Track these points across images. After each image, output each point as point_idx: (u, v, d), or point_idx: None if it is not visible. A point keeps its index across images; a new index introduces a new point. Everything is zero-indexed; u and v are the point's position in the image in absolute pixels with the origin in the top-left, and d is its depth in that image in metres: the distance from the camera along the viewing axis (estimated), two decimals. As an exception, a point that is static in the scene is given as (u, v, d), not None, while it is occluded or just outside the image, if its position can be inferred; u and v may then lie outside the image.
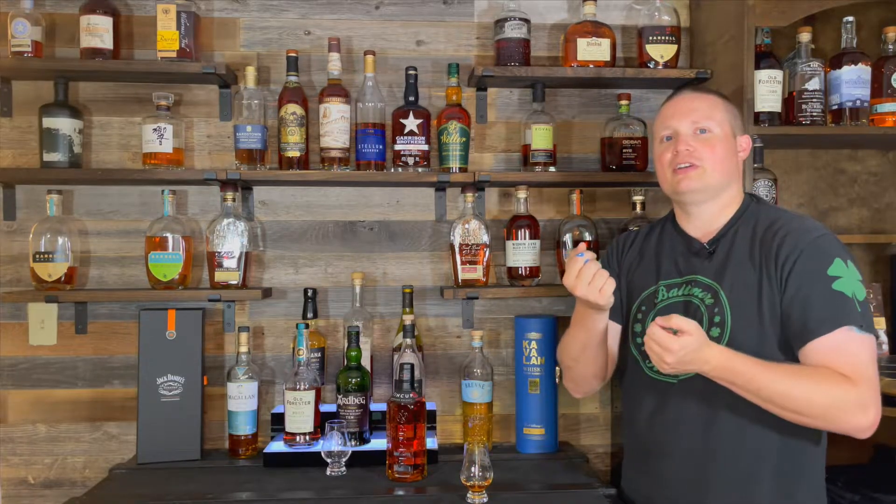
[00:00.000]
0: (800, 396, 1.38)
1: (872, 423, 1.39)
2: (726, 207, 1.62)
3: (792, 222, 1.55)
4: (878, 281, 2.37)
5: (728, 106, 1.65)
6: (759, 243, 1.54)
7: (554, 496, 1.84)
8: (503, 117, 2.36)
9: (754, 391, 1.41)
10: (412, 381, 1.91)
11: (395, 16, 2.34)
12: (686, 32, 2.37)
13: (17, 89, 2.23)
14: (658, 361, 1.43)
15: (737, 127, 1.64)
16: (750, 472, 1.50)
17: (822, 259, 1.46)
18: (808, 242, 1.48)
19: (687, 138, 1.59)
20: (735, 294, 1.52)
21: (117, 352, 2.25)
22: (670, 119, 1.63)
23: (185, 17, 2.11)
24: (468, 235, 2.17)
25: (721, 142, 1.59)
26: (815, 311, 1.43)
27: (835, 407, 1.38)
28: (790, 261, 1.47)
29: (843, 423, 1.39)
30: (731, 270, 1.55)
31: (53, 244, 2.11)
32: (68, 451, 2.24)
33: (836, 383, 1.38)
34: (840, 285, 1.44)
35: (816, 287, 1.45)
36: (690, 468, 1.55)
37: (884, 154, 2.45)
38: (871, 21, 2.35)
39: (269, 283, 2.30)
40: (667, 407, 1.58)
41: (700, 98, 1.64)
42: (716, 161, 1.57)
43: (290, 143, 2.13)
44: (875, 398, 1.39)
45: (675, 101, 1.66)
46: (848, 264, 1.46)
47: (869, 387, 1.39)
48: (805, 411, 1.39)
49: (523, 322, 2.17)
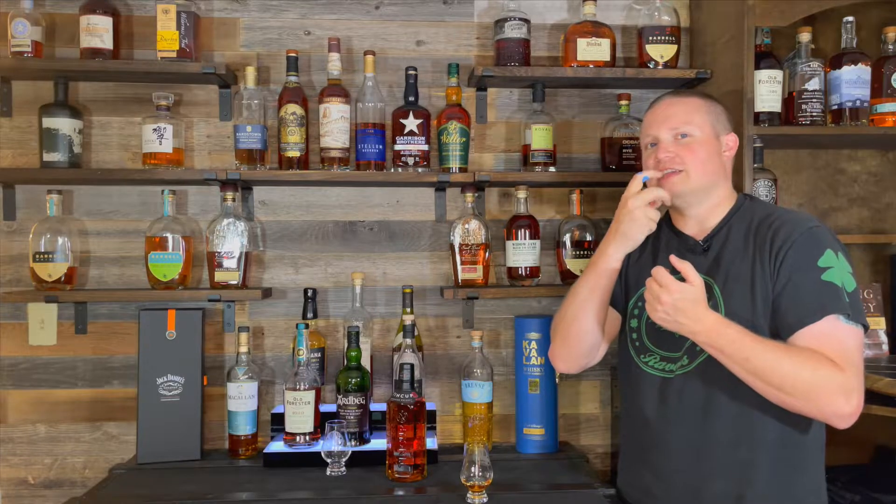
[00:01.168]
0: (787, 372, 1.38)
1: (854, 410, 1.38)
2: (718, 206, 1.63)
3: (786, 214, 1.57)
4: (878, 281, 2.37)
5: (710, 106, 1.64)
6: (754, 235, 1.55)
7: (554, 496, 1.84)
8: (503, 117, 2.36)
9: (741, 361, 1.40)
10: (412, 381, 1.92)
11: (395, 16, 2.34)
12: (686, 32, 2.36)
13: (17, 89, 2.23)
14: (652, 303, 1.46)
15: (721, 126, 1.64)
16: (745, 465, 1.50)
17: (813, 249, 1.48)
18: (800, 233, 1.50)
19: (667, 144, 1.60)
20: (728, 287, 1.54)
21: (117, 352, 2.25)
22: (650, 127, 1.65)
23: (185, 17, 2.11)
24: (468, 235, 2.18)
25: (702, 144, 1.59)
26: (803, 299, 1.45)
27: (820, 386, 1.37)
28: (783, 250, 1.49)
29: (825, 405, 1.38)
30: (725, 265, 1.56)
31: (53, 244, 2.11)
32: (68, 451, 2.25)
33: (824, 364, 1.38)
34: (829, 275, 1.45)
35: (806, 277, 1.46)
36: (687, 460, 1.55)
37: (884, 154, 2.45)
38: (871, 21, 2.35)
39: (269, 283, 2.30)
40: (663, 400, 1.59)
41: (678, 103, 1.64)
42: (698, 164, 1.58)
43: (290, 143, 2.13)
44: (859, 387, 1.40)
45: (654, 109, 1.67)
46: (839, 255, 1.48)
47: (854, 374, 1.39)
48: (789, 388, 1.38)
49: (523, 322, 2.17)
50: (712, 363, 1.47)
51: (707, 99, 1.67)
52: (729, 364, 1.43)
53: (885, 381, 1.79)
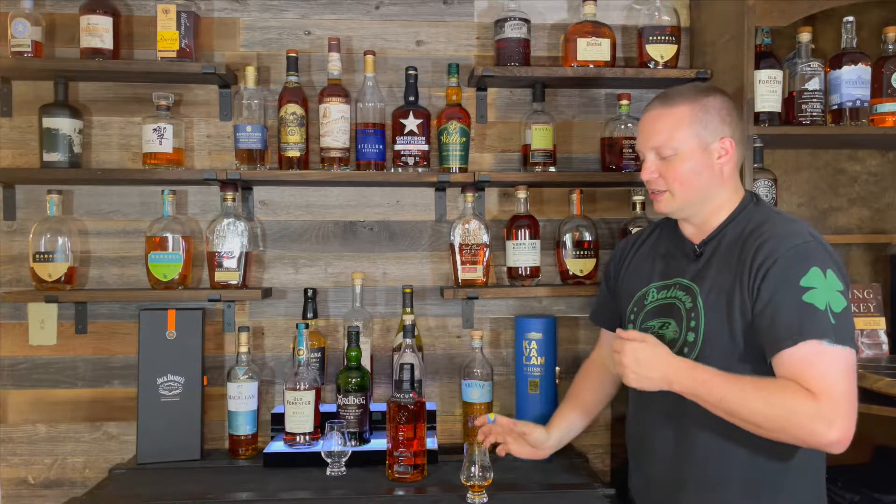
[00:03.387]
0: (757, 408, 1.36)
1: (841, 436, 1.33)
2: (720, 210, 1.58)
3: (777, 228, 1.48)
4: (878, 281, 2.37)
5: (697, 114, 1.54)
6: (741, 247, 1.50)
7: (554, 496, 1.84)
8: (503, 117, 2.36)
9: (716, 402, 1.39)
10: (412, 381, 1.91)
11: (395, 16, 2.34)
12: (686, 32, 2.36)
13: (17, 89, 2.23)
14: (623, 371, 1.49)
15: (709, 134, 1.54)
16: (719, 477, 1.49)
17: (796, 268, 1.41)
18: (785, 250, 1.43)
19: (650, 165, 1.58)
20: (710, 298, 1.50)
21: (117, 352, 2.25)
22: (638, 139, 1.63)
23: (185, 17, 2.11)
24: (468, 235, 2.18)
25: (686, 161, 1.53)
26: (782, 321, 1.39)
27: (792, 419, 1.34)
28: (763, 268, 1.43)
29: (806, 435, 1.35)
30: (711, 274, 1.53)
31: (53, 244, 2.11)
32: (68, 451, 2.25)
33: (795, 395, 1.34)
34: (811, 297, 1.38)
35: (787, 297, 1.40)
36: (669, 467, 1.56)
37: (884, 154, 2.45)
38: (871, 21, 2.35)
39: (269, 283, 2.30)
40: (647, 406, 1.60)
41: (663, 116, 1.56)
42: (681, 184, 1.54)
43: (290, 143, 2.13)
44: (844, 412, 1.33)
45: (643, 119, 1.61)
46: (827, 274, 1.40)
47: (833, 401, 1.33)
48: (764, 423, 1.37)
49: (523, 322, 2.17)
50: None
51: (696, 103, 1.55)
52: (708, 407, 1.42)
53: (885, 381, 1.79)
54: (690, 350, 1.51)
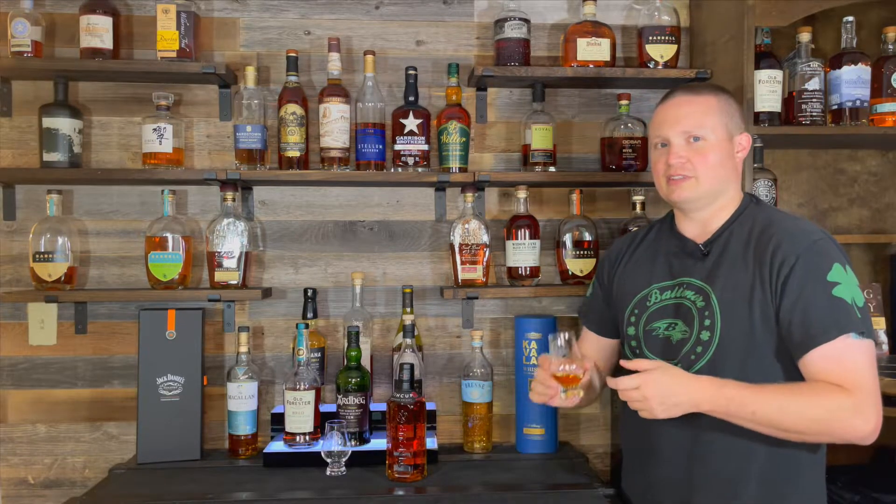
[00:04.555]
0: (795, 414, 1.37)
1: (874, 429, 1.37)
2: (723, 209, 1.59)
3: (788, 225, 1.51)
4: (878, 281, 2.37)
5: (724, 104, 1.57)
6: (754, 246, 1.51)
7: (554, 496, 1.84)
8: (503, 117, 2.36)
9: (748, 416, 1.39)
10: (412, 381, 1.91)
11: (395, 16, 2.34)
12: (686, 32, 2.37)
13: (16, 89, 2.23)
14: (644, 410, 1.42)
15: (734, 126, 1.57)
16: (735, 475, 1.49)
17: (820, 264, 1.43)
18: (805, 247, 1.45)
19: (678, 149, 1.55)
20: (726, 297, 1.50)
21: (117, 352, 2.25)
22: (661, 127, 1.59)
23: (184, 17, 2.11)
24: (468, 235, 2.17)
25: (714, 148, 1.54)
26: (816, 318, 1.40)
27: (833, 418, 1.37)
28: (787, 265, 1.44)
29: (844, 432, 1.38)
30: (724, 273, 1.52)
31: (53, 244, 2.11)
32: (68, 451, 2.24)
33: (830, 394, 1.36)
34: (840, 291, 1.41)
35: (816, 293, 1.41)
36: (677, 469, 1.54)
37: (884, 154, 2.45)
38: (871, 21, 2.35)
39: (269, 283, 2.30)
40: None
41: (692, 102, 1.56)
42: (709, 170, 1.54)
43: (289, 143, 2.13)
44: (874, 404, 1.38)
45: (667, 106, 1.60)
46: (846, 269, 1.44)
47: (866, 394, 1.37)
48: (804, 428, 1.38)
49: (523, 322, 2.17)
50: (709, 372, 1.47)
51: (721, 95, 1.59)
52: (739, 422, 1.41)
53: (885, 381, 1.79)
54: (705, 349, 1.50)
